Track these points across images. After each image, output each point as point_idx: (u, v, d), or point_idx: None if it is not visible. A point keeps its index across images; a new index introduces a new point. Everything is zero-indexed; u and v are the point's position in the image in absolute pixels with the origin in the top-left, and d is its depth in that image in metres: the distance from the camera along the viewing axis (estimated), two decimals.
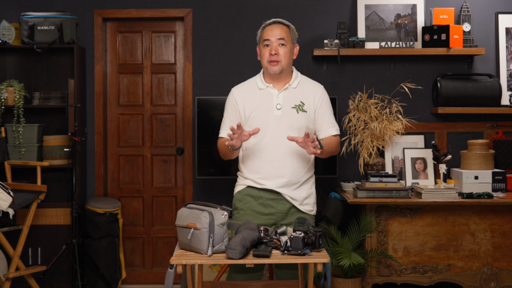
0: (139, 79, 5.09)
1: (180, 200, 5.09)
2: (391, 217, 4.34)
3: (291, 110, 3.28)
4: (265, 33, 3.30)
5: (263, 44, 3.31)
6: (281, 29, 3.29)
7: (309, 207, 3.35)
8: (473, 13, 4.87)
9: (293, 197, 3.29)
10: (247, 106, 3.32)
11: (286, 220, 3.28)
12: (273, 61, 3.25)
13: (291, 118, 3.27)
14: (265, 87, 3.33)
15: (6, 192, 4.07)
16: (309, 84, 3.41)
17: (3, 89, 4.70)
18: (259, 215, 3.28)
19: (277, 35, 3.27)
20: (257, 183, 3.29)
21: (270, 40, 3.27)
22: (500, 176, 4.49)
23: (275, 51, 3.25)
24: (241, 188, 3.36)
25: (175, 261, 2.65)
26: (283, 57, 3.26)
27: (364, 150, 4.63)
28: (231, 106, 3.38)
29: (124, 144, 5.12)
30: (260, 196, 3.29)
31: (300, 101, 3.30)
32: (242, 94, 3.36)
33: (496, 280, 4.33)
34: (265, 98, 3.31)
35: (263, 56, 3.30)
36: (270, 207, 3.28)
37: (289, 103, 3.29)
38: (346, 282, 4.23)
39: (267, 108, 3.28)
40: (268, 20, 3.38)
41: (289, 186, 3.27)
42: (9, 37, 4.77)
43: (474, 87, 4.70)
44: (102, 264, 4.68)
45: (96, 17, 4.98)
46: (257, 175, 3.29)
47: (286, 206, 3.29)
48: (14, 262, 4.26)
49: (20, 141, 4.70)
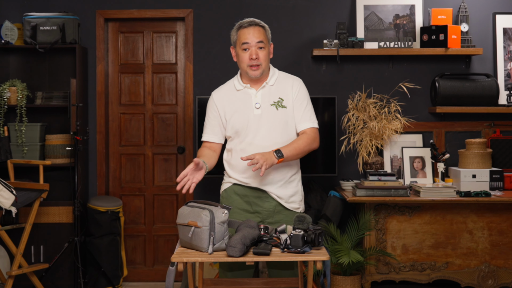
0: (140, 78, 5.09)
1: (181, 199, 5.09)
2: (389, 215, 4.34)
3: (270, 107, 3.23)
4: (242, 35, 3.22)
5: (241, 48, 3.23)
6: (259, 31, 3.22)
7: (296, 205, 3.32)
8: (471, 14, 4.87)
9: (279, 195, 3.25)
10: (227, 109, 3.28)
11: (272, 218, 3.24)
12: (253, 65, 3.20)
13: (271, 115, 3.23)
14: (243, 88, 3.28)
15: (9, 190, 4.06)
16: (286, 79, 3.34)
17: (6, 88, 4.70)
18: (245, 213, 3.25)
19: (256, 38, 3.20)
20: (242, 182, 3.26)
21: (249, 43, 3.20)
22: (498, 174, 4.49)
23: (255, 55, 3.19)
24: (227, 186, 3.33)
25: (176, 258, 2.64)
26: (263, 60, 3.21)
27: (363, 149, 4.63)
28: (212, 110, 3.35)
29: (126, 143, 5.11)
30: (246, 194, 3.26)
31: (279, 98, 3.25)
32: (222, 97, 3.32)
33: (493, 278, 4.33)
34: (243, 98, 3.27)
35: (242, 60, 3.23)
36: (256, 205, 3.25)
37: (268, 101, 3.24)
38: (345, 279, 4.23)
39: (246, 108, 3.24)
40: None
41: (274, 183, 3.24)
42: (12, 37, 4.77)
43: (472, 86, 4.70)
44: (104, 262, 4.67)
45: (98, 18, 4.98)
46: (243, 174, 3.25)
47: (272, 204, 3.25)
48: (16, 259, 4.26)
49: (22, 140, 4.70)
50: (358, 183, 4.40)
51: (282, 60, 4.90)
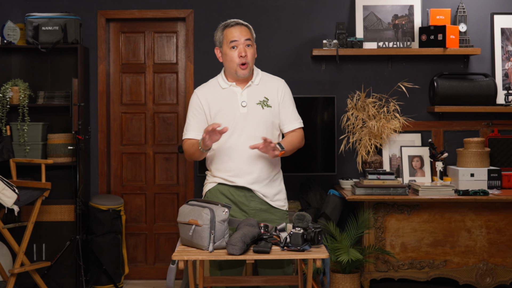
0: (141, 78, 5.09)
1: (181, 197, 5.08)
2: (388, 213, 4.33)
3: (256, 106, 3.22)
4: (230, 34, 3.20)
5: (229, 46, 3.20)
6: (246, 30, 3.22)
7: (281, 203, 3.30)
8: (469, 14, 4.86)
9: (264, 194, 3.23)
10: (212, 106, 3.25)
11: (259, 217, 3.21)
12: (243, 63, 3.18)
13: (257, 114, 3.21)
14: (228, 86, 3.26)
15: (11, 189, 4.06)
16: (270, 79, 3.34)
17: (8, 88, 4.69)
18: (232, 212, 3.20)
19: (244, 36, 3.19)
20: (228, 181, 3.23)
21: (238, 41, 3.18)
22: (496, 173, 4.49)
23: (244, 53, 3.18)
24: (212, 186, 3.29)
25: (177, 257, 2.64)
26: (251, 58, 3.20)
27: (362, 148, 4.63)
28: (196, 106, 3.28)
29: (127, 142, 5.11)
30: (231, 194, 3.23)
31: (264, 97, 3.25)
32: (206, 94, 3.28)
33: (491, 276, 4.32)
34: (229, 96, 3.24)
35: (232, 59, 3.20)
36: (243, 204, 3.22)
37: (254, 100, 3.23)
38: (344, 277, 4.22)
39: (232, 106, 3.22)
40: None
41: (260, 182, 3.21)
42: (14, 37, 4.76)
43: (470, 86, 4.70)
44: (105, 260, 4.67)
45: (99, 18, 4.97)
46: (227, 173, 3.22)
47: (258, 203, 3.23)
48: (19, 257, 4.25)
49: (25, 139, 4.69)
50: (357, 182, 4.40)
51: (282, 60, 4.89)
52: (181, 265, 2.64)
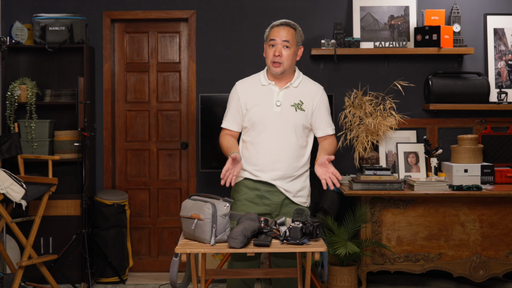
0: (145, 77, 5.07)
1: (184, 192, 5.07)
2: (385, 208, 4.32)
3: (290, 108, 3.26)
4: (272, 33, 3.27)
5: (269, 44, 3.28)
6: (288, 31, 3.26)
7: (303, 199, 3.33)
8: (463, 15, 4.85)
9: (287, 189, 3.26)
10: (248, 100, 3.30)
11: (280, 211, 3.27)
12: (276, 62, 3.23)
13: (289, 115, 3.25)
14: (267, 84, 3.30)
15: (19, 184, 4.05)
16: (310, 84, 3.38)
17: (16, 86, 4.68)
18: (255, 205, 3.26)
19: (283, 37, 3.24)
20: (254, 175, 3.27)
21: (276, 40, 3.24)
22: (489, 169, 4.48)
23: (278, 53, 3.22)
24: (239, 180, 3.33)
25: (179, 250, 2.64)
26: (286, 59, 3.23)
27: (359, 145, 4.62)
28: (234, 99, 3.36)
29: (131, 139, 5.10)
30: (256, 188, 3.27)
31: (300, 100, 3.28)
32: (245, 89, 3.34)
33: (484, 268, 4.31)
34: (266, 94, 3.28)
35: (268, 56, 3.28)
36: (266, 198, 3.26)
37: (289, 101, 3.27)
38: (342, 270, 4.21)
39: (267, 104, 3.26)
40: (275, 20, 3.33)
41: (284, 179, 3.25)
42: (22, 37, 4.75)
43: (464, 84, 4.69)
44: (110, 253, 4.66)
45: (104, 18, 4.95)
46: (254, 167, 3.27)
47: (280, 198, 3.27)
48: (26, 251, 4.24)
49: (32, 136, 4.68)
50: (355, 177, 4.39)
51: None
52: (183, 258, 2.64)
